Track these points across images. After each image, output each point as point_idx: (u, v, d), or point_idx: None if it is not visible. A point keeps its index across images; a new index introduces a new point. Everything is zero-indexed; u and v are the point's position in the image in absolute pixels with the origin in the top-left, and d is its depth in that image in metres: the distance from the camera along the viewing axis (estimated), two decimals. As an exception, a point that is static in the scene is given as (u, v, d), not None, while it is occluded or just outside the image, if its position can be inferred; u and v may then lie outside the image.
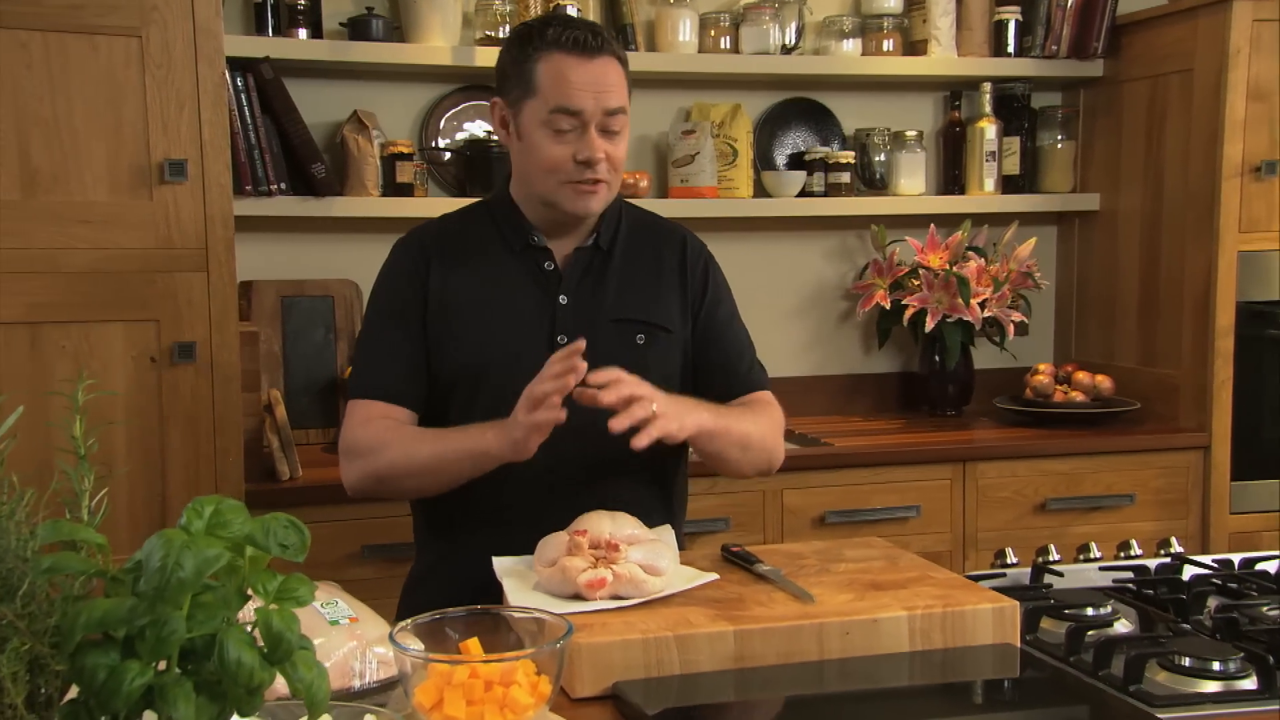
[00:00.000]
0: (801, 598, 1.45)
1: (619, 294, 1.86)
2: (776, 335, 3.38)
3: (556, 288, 1.84)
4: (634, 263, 1.89)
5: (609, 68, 1.76)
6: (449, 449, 1.72)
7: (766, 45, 3.15)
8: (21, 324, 2.29)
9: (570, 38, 1.74)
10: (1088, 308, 3.52)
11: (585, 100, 1.73)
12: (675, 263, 1.93)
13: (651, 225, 1.98)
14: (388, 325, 1.85)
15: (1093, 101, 3.47)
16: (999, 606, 1.42)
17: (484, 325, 1.81)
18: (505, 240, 1.86)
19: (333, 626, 1.22)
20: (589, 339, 1.79)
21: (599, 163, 1.75)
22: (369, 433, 1.79)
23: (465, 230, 1.90)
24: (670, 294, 1.90)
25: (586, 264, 1.86)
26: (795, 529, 2.80)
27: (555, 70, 1.74)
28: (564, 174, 1.76)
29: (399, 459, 1.76)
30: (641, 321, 1.85)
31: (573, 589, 1.44)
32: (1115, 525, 3.00)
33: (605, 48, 1.76)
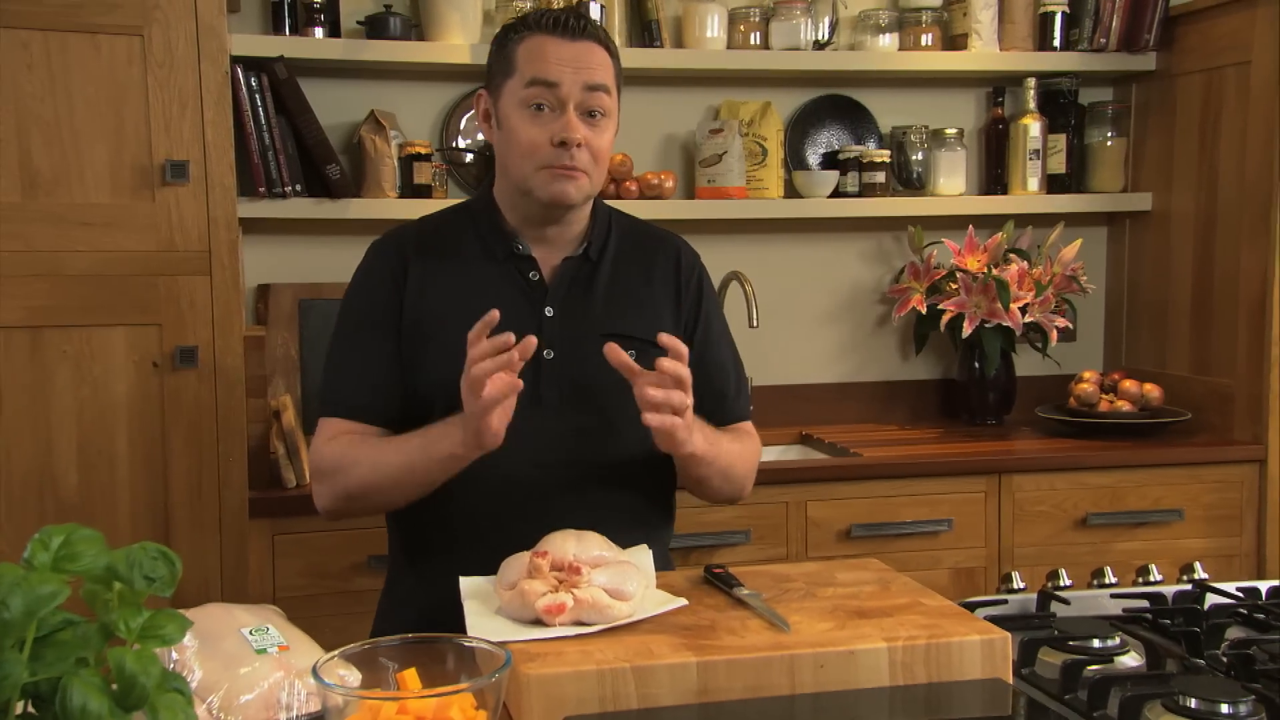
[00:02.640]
0: (777, 626, 1.35)
1: (609, 307, 1.77)
2: (808, 340, 3.28)
3: (542, 299, 1.75)
4: (624, 274, 1.80)
5: (592, 50, 1.69)
6: (416, 456, 1.64)
7: (798, 41, 3.04)
8: (22, 328, 2.27)
9: (551, 19, 1.68)
10: (1138, 313, 3.36)
11: (563, 73, 1.66)
12: (669, 275, 1.84)
13: (643, 234, 1.87)
14: (359, 336, 1.76)
15: (1144, 96, 3.32)
16: (988, 638, 1.31)
17: (463, 339, 1.70)
18: (487, 248, 1.77)
19: (259, 655, 1.15)
20: (577, 354, 1.72)
21: (576, 145, 1.66)
22: (334, 451, 1.71)
23: (446, 235, 1.80)
24: (663, 308, 1.81)
25: (574, 275, 1.77)
26: (820, 543, 2.70)
27: (534, 47, 1.68)
28: (540, 157, 1.67)
29: (367, 474, 1.68)
30: (633, 337, 1.75)
31: (533, 614, 1.36)
32: (1163, 542, 2.86)
33: (589, 31, 1.69)
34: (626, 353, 1.70)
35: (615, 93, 1.73)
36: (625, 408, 1.73)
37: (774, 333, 3.22)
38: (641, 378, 1.58)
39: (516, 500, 1.69)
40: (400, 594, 1.83)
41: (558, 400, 1.72)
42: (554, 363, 1.72)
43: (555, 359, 1.72)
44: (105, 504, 2.33)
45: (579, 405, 1.72)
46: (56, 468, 2.31)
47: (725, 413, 1.85)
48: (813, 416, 3.24)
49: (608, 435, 1.73)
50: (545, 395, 1.71)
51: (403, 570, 1.83)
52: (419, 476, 1.65)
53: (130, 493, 2.35)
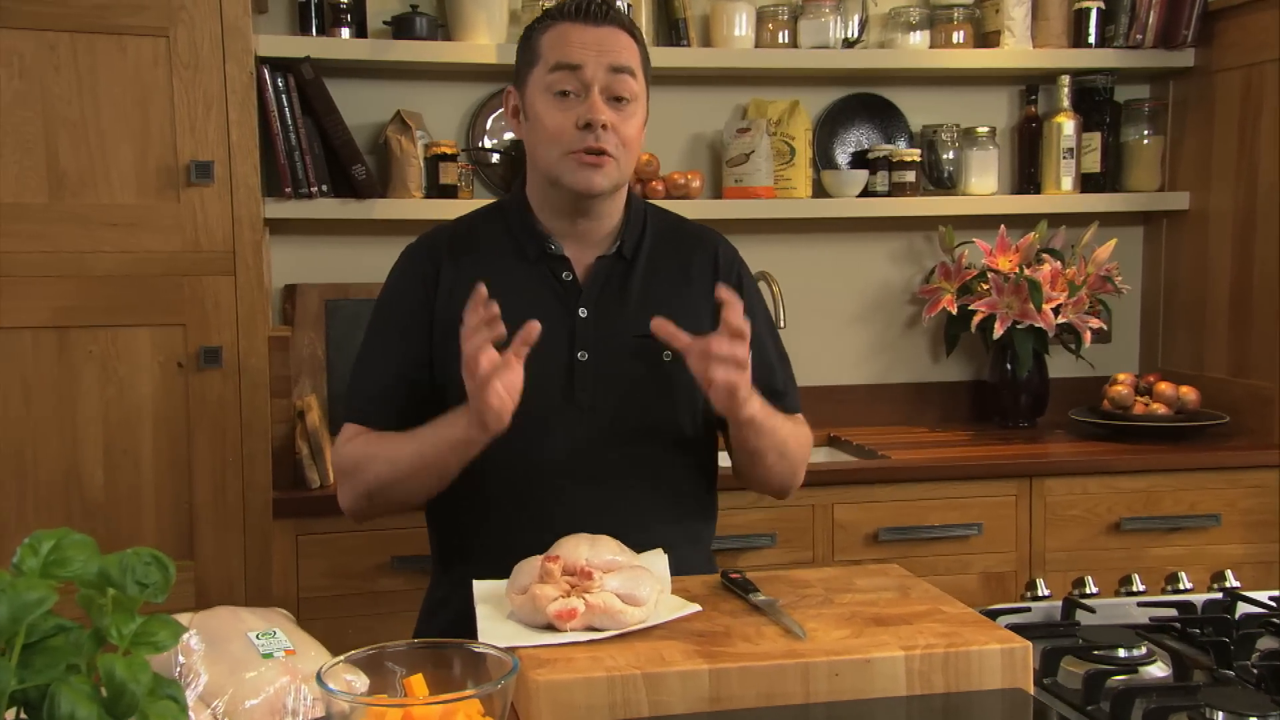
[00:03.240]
0: (792, 633, 1.33)
1: (643, 308, 1.71)
2: (837, 341, 3.25)
3: (576, 300, 1.72)
4: (660, 273, 1.77)
5: (615, 34, 1.67)
6: (427, 446, 1.62)
7: (826, 39, 3.01)
8: (49, 328, 2.28)
9: (574, 6, 1.67)
10: (1175, 314, 3.30)
11: (586, 55, 1.64)
12: (707, 274, 1.79)
13: (679, 231, 1.84)
14: (388, 340, 1.74)
15: (1182, 94, 3.26)
16: (1009, 647, 1.28)
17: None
18: (520, 248, 1.74)
19: (265, 660, 1.14)
20: (611, 356, 1.70)
21: (601, 127, 1.63)
22: (352, 450, 1.70)
23: (479, 236, 1.78)
24: (700, 308, 1.76)
25: (608, 274, 1.74)
26: (846, 546, 2.66)
27: (558, 34, 1.67)
28: (566, 142, 1.64)
29: (383, 470, 1.67)
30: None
31: (544, 619, 1.34)
32: (1199, 548, 2.80)
33: (612, 17, 1.67)
34: (662, 353, 1.70)
35: (642, 78, 1.70)
36: (661, 408, 1.73)
37: (803, 334, 3.19)
38: (696, 341, 1.55)
39: (552, 503, 1.67)
40: (439, 596, 1.81)
41: (592, 402, 1.69)
42: (588, 364, 1.70)
43: (589, 360, 1.70)
44: (130, 504, 2.34)
45: (614, 407, 1.70)
46: (82, 467, 2.32)
47: (780, 404, 1.81)
48: (842, 418, 3.21)
49: (644, 436, 1.71)
50: (579, 397, 1.69)
51: (440, 573, 1.82)
52: (432, 466, 1.63)
53: (155, 492, 2.35)
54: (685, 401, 1.75)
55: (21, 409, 2.28)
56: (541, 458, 1.68)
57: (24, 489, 2.29)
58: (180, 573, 2.31)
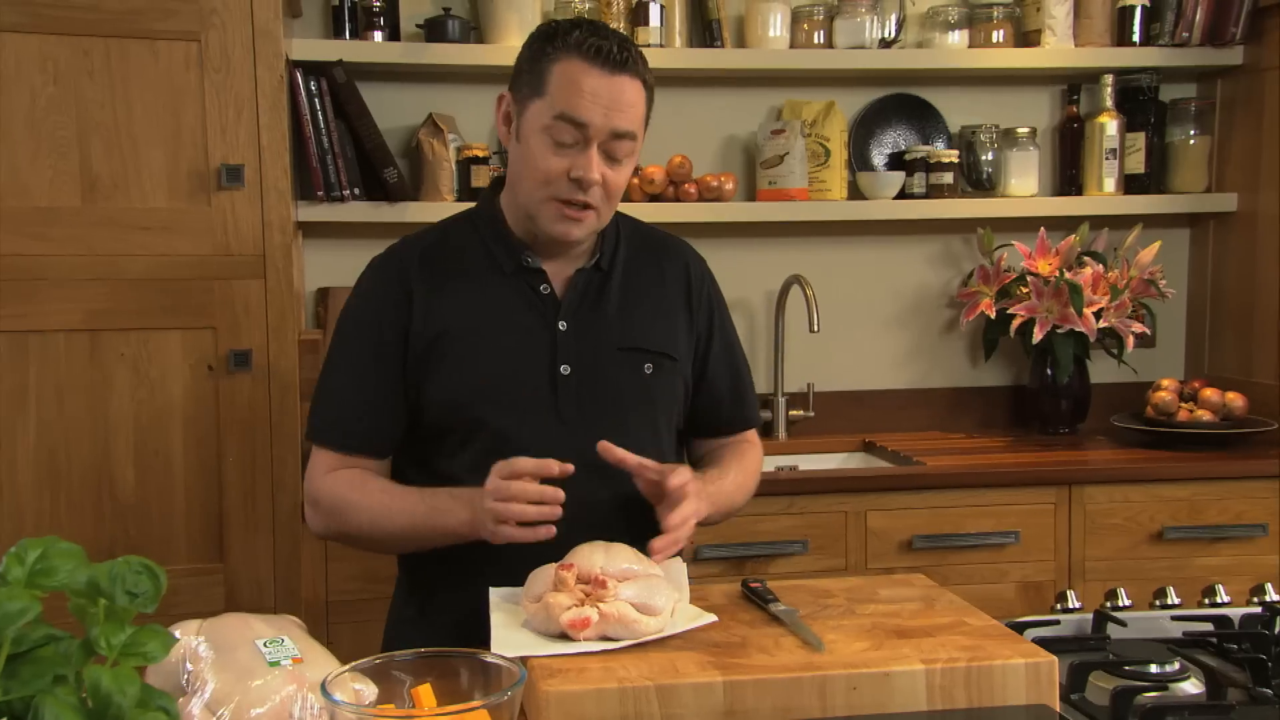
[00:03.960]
0: (810, 645, 1.30)
1: (623, 319, 1.70)
2: (873, 346, 3.21)
3: (555, 313, 1.67)
4: (636, 285, 1.73)
5: (628, 88, 1.58)
6: (420, 522, 1.60)
7: (862, 39, 2.98)
8: (81, 331, 2.30)
9: (593, 46, 1.56)
10: (1223, 318, 3.23)
11: (594, 114, 1.56)
12: (679, 285, 1.77)
13: (650, 242, 1.80)
14: (357, 358, 1.68)
15: (1230, 93, 3.19)
16: (1033, 662, 1.25)
17: (476, 358, 1.64)
18: (494, 261, 1.69)
19: (272, 668, 1.13)
20: (594, 369, 1.67)
21: (593, 185, 1.58)
22: (334, 488, 1.66)
23: (450, 249, 1.71)
24: (675, 319, 1.75)
25: (585, 286, 1.70)
26: (880, 554, 2.62)
27: (570, 75, 1.57)
28: (553, 189, 1.59)
29: (364, 523, 1.64)
30: (649, 350, 1.70)
31: (558, 628, 1.32)
32: (1245, 559, 2.73)
33: (630, 66, 1.58)
34: (644, 365, 1.69)
35: (643, 132, 1.65)
36: (642, 419, 1.71)
37: (837, 337, 3.16)
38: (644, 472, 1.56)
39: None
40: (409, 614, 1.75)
41: (576, 415, 1.66)
42: (570, 378, 1.66)
43: (571, 374, 1.66)
44: (161, 505, 2.35)
45: (597, 419, 1.66)
46: (114, 468, 2.33)
47: (736, 422, 1.84)
48: (877, 424, 3.16)
49: (627, 447, 1.63)
50: (563, 410, 1.65)
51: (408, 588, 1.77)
52: (419, 539, 1.62)
53: (185, 494, 2.36)
54: (664, 413, 1.73)
55: (54, 411, 2.29)
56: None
57: (56, 490, 2.30)
58: (209, 575, 2.37)
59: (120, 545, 2.33)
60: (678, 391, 1.75)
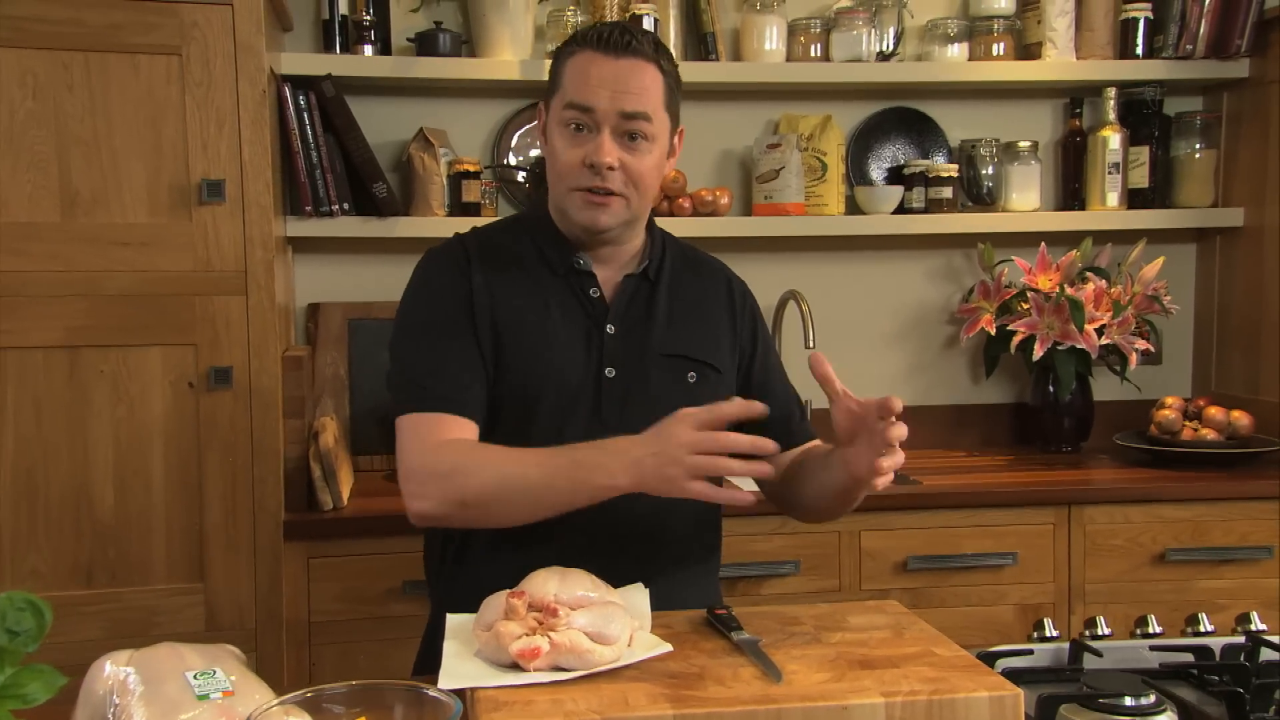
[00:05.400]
0: (769, 675, 1.25)
1: (668, 327, 1.72)
2: (872, 362, 3.16)
3: (603, 316, 1.69)
4: (681, 297, 1.76)
5: (636, 69, 1.61)
6: (560, 477, 1.49)
7: (859, 52, 2.94)
8: (60, 348, 2.27)
9: (598, 35, 1.62)
10: (1229, 335, 3.17)
11: (599, 97, 1.59)
12: (723, 304, 1.80)
13: (693, 260, 1.83)
14: (438, 333, 1.65)
15: (1236, 106, 3.13)
16: (998, 695, 1.20)
17: (533, 348, 1.65)
18: (547, 260, 1.71)
19: (201, 701, 1.09)
20: (639, 373, 1.68)
21: (607, 169, 1.60)
22: (448, 453, 1.56)
23: (503, 246, 1.74)
24: (720, 334, 1.77)
25: (634, 292, 1.72)
26: (874, 575, 2.57)
27: (579, 65, 1.62)
28: (573, 178, 1.62)
29: (492, 485, 1.52)
30: (693, 359, 1.71)
31: (509, 657, 1.28)
32: (1251, 581, 2.67)
33: (635, 48, 1.61)
34: (687, 373, 1.70)
35: (664, 114, 1.65)
36: None
37: (835, 354, 3.02)
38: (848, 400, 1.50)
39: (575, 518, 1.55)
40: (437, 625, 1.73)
41: (618, 419, 1.65)
42: (615, 381, 1.67)
43: (616, 377, 1.67)
44: (140, 524, 2.32)
45: (639, 424, 1.60)
46: (93, 488, 2.30)
47: (798, 435, 1.82)
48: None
49: None
50: (606, 414, 1.66)
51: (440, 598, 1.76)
52: (557, 498, 1.51)
53: (165, 513, 2.33)
54: None
55: (33, 428, 2.27)
56: None
57: (34, 509, 2.27)
58: (189, 596, 2.33)
59: (99, 565, 2.30)
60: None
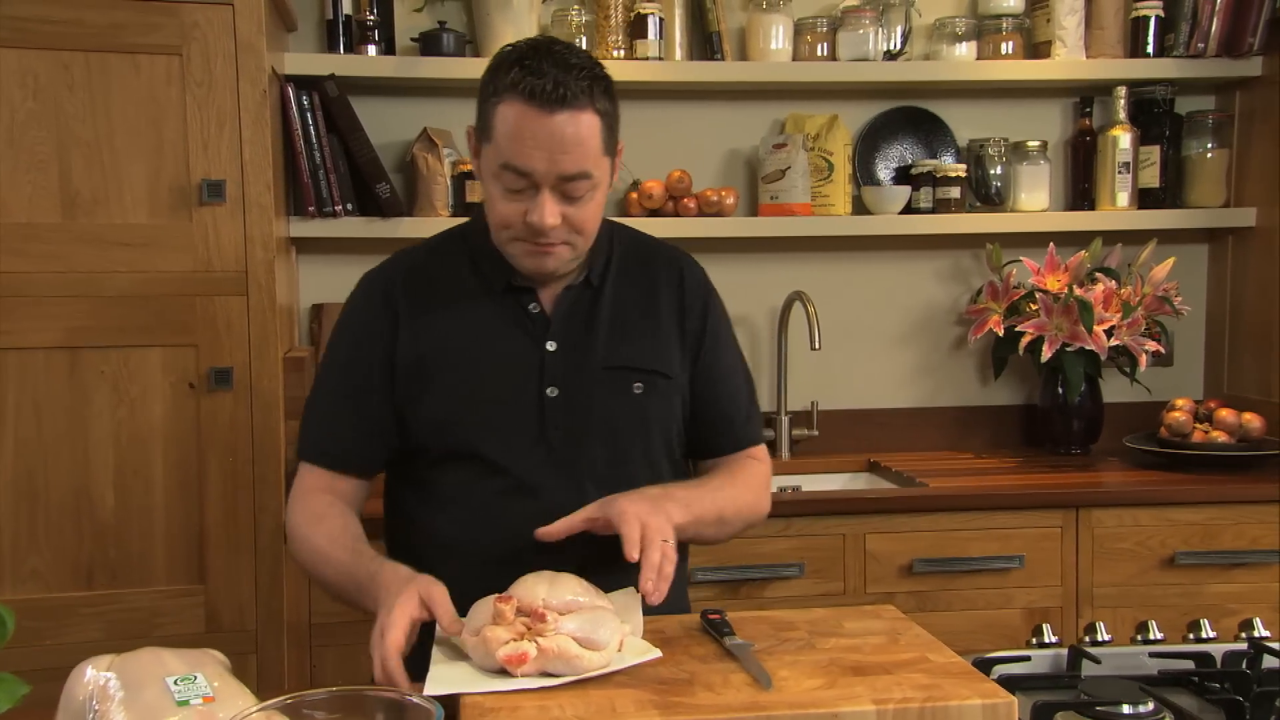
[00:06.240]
0: (759, 682, 1.24)
1: (612, 337, 1.64)
2: (879, 363, 3.13)
3: (544, 333, 1.63)
4: (628, 299, 1.68)
5: (572, 123, 1.47)
6: (346, 591, 1.54)
7: (866, 51, 2.91)
8: (60, 349, 2.27)
9: (529, 87, 1.46)
10: (1242, 336, 3.13)
11: (535, 160, 1.48)
12: (673, 298, 1.71)
13: (645, 252, 1.74)
14: (345, 377, 1.65)
15: (1249, 105, 3.09)
16: (991, 703, 1.18)
17: (462, 381, 1.60)
18: (484, 280, 1.64)
19: (180, 708, 1.08)
20: (582, 389, 1.62)
21: (549, 229, 1.52)
22: (298, 516, 1.64)
23: (438, 268, 1.67)
24: (669, 333, 1.68)
25: (574, 304, 1.65)
26: (879, 578, 2.55)
27: (510, 119, 1.48)
28: (514, 231, 1.55)
29: (309, 565, 1.63)
30: (638, 368, 1.64)
31: (496, 663, 1.26)
32: (1262, 585, 2.64)
33: (570, 101, 1.46)
34: (633, 385, 1.64)
35: (604, 160, 1.54)
36: (633, 442, 1.65)
37: (842, 355, 3.09)
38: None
39: (528, 543, 1.54)
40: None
41: (563, 439, 1.61)
42: (558, 401, 1.61)
43: (559, 396, 1.61)
44: (141, 525, 2.32)
45: (585, 443, 1.61)
46: (93, 489, 2.30)
47: (736, 440, 1.74)
48: (884, 443, 3.09)
49: (616, 472, 1.61)
50: (550, 435, 1.61)
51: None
52: (350, 601, 1.56)
53: (166, 514, 2.33)
54: (658, 433, 1.67)
55: (33, 430, 2.26)
56: (516, 498, 1.59)
57: (35, 511, 2.27)
58: (190, 597, 2.33)
59: (99, 566, 2.30)
60: (674, 410, 1.68)
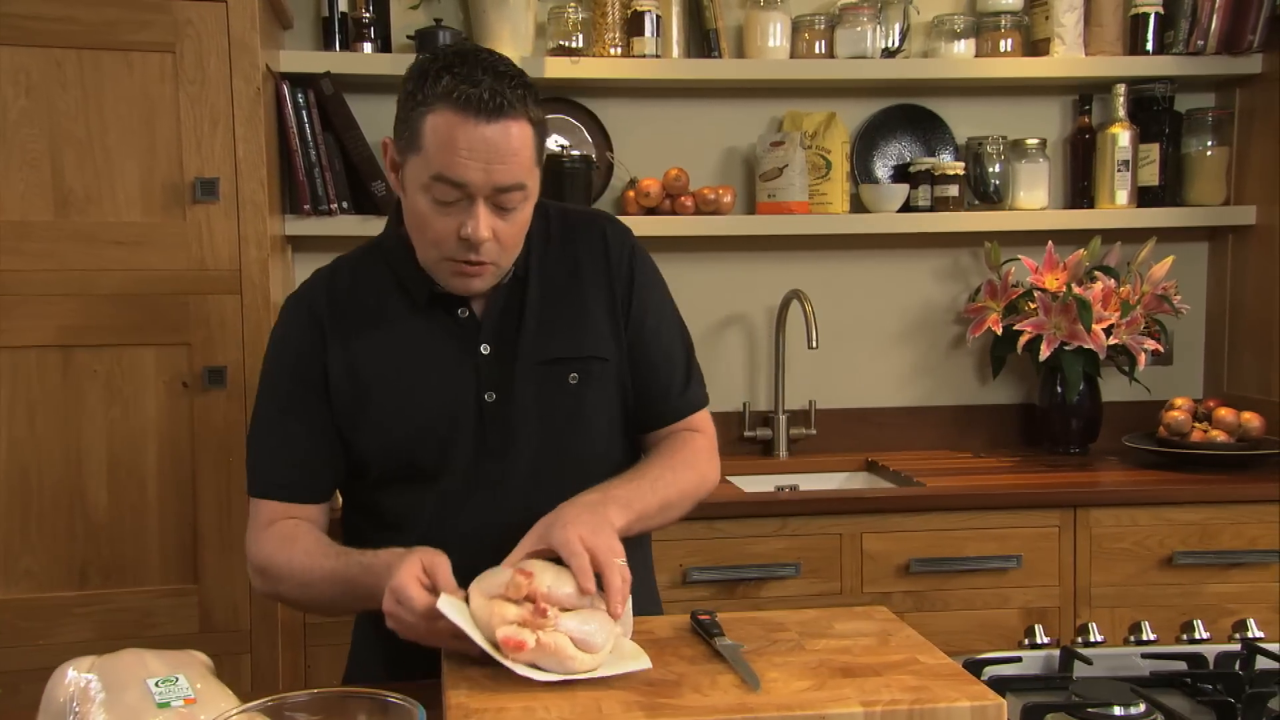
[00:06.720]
0: (748, 683, 1.23)
1: (542, 328, 1.58)
2: (877, 362, 3.12)
3: (476, 336, 1.57)
4: (555, 284, 1.61)
5: (509, 133, 1.42)
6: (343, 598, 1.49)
7: (864, 49, 2.90)
8: (53, 347, 2.26)
9: (463, 95, 1.40)
10: (1242, 335, 3.12)
11: (471, 171, 1.42)
12: (598, 264, 1.63)
13: (566, 225, 1.66)
14: (282, 406, 1.58)
15: (1249, 102, 3.08)
16: (980, 705, 1.17)
17: (400, 397, 1.55)
18: (407, 291, 1.58)
19: (161, 710, 1.07)
20: (518, 389, 1.57)
21: (484, 243, 1.46)
22: (265, 551, 1.55)
23: (359, 287, 1.60)
24: (598, 309, 1.62)
25: (505, 301, 1.58)
26: (876, 577, 2.54)
27: (442, 131, 1.42)
28: (445, 249, 1.48)
29: (297, 592, 1.55)
30: (572, 358, 1.59)
31: (491, 634, 1.26)
32: (1260, 585, 2.63)
33: (506, 110, 1.41)
34: (568, 376, 1.58)
35: (535, 171, 1.49)
36: (577, 435, 1.61)
37: (841, 354, 3.08)
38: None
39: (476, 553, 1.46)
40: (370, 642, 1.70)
41: (505, 444, 1.56)
42: (496, 405, 1.56)
43: (497, 400, 1.56)
44: (134, 524, 2.31)
45: (528, 444, 1.57)
46: (86, 487, 2.29)
47: (672, 409, 1.67)
48: (882, 442, 3.08)
49: (564, 468, 1.57)
50: (491, 441, 1.55)
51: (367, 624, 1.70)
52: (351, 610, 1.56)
53: (159, 513, 2.32)
54: (601, 422, 1.62)
55: (26, 429, 2.26)
56: (461, 509, 1.56)
57: (28, 510, 2.26)
58: (183, 597, 2.32)
59: (93, 566, 2.29)
60: (612, 395, 1.62)
